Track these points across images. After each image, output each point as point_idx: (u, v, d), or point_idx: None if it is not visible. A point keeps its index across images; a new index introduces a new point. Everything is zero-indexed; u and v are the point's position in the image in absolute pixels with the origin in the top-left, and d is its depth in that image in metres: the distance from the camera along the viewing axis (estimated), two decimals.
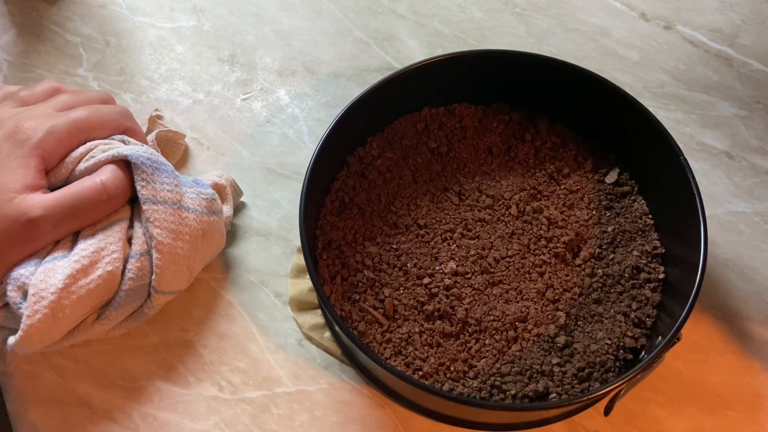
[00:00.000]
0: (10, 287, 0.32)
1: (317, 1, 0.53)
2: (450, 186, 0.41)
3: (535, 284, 0.38)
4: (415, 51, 0.51)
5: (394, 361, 0.36)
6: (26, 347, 0.32)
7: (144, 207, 0.34)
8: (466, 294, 0.37)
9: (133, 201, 0.36)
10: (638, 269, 0.38)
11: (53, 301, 0.32)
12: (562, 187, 0.41)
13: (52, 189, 0.34)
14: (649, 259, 0.38)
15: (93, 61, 0.50)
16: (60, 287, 0.32)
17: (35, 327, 0.31)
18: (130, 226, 0.35)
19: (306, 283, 0.40)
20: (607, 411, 0.34)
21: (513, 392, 0.34)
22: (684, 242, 0.36)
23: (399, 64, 0.50)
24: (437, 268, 0.38)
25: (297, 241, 0.42)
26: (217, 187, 0.41)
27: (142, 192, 0.34)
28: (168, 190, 0.35)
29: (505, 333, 0.36)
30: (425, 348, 0.36)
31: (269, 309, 0.40)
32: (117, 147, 0.35)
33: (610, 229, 0.39)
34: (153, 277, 0.35)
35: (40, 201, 0.33)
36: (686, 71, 0.49)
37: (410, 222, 0.40)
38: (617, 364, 0.35)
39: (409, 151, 0.42)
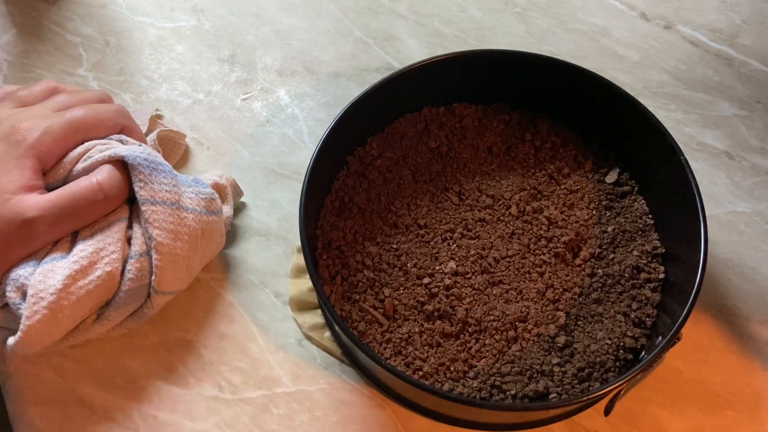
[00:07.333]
0: (9, 288, 0.32)
1: (317, 1, 0.53)
2: (450, 186, 0.41)
3: (535, 284, 0.38)
4: (415, 51, 0.51)
5: (394, 361, 0.36)
6: (26, 348, 0.32)
7: (142, 208, 0.34)
8: (466, 294, 0.37)
9: (132, 201, 0.36)
10: (638, 269, 0.38)
11: (52, 302, 0.32)
12: (562, 187, 0.41)
13: (51, 189, 0.34)
14: (649, 259, 0.38)
15: (93, 61, 0.50)
16: (59, 288, 0.32)
17: (34, 327, 0.31)
18: (129, 227, 0.35)
19: (306, 283, 0.40)
20: (607, 411, 0.34)
21: (513, 392, 0.34)
22: (684, 242, 0.36)
23: (399, 64, 0.50)
24: (437, 268, 0.38)
25: (297, 241, 0.42)
26: (218, 187, 0.41)
27: (140, 193, 0.34)
28: (166, 191, 0.35)
29: (505, 333, 0.36)
30: (425, 348, 0.36)
31: (269, 309, 0.40)
32: (114, 147, 0.35)
33: (610, 229, 0.39)
34: (152, 277, 0.35)
35: (36, 202, 0.33)
36: (686, 71, 0.49)
37: (410, 222, 0.40)
38: (617, 364, 0.35)
39: (409, 151, 0.42)
